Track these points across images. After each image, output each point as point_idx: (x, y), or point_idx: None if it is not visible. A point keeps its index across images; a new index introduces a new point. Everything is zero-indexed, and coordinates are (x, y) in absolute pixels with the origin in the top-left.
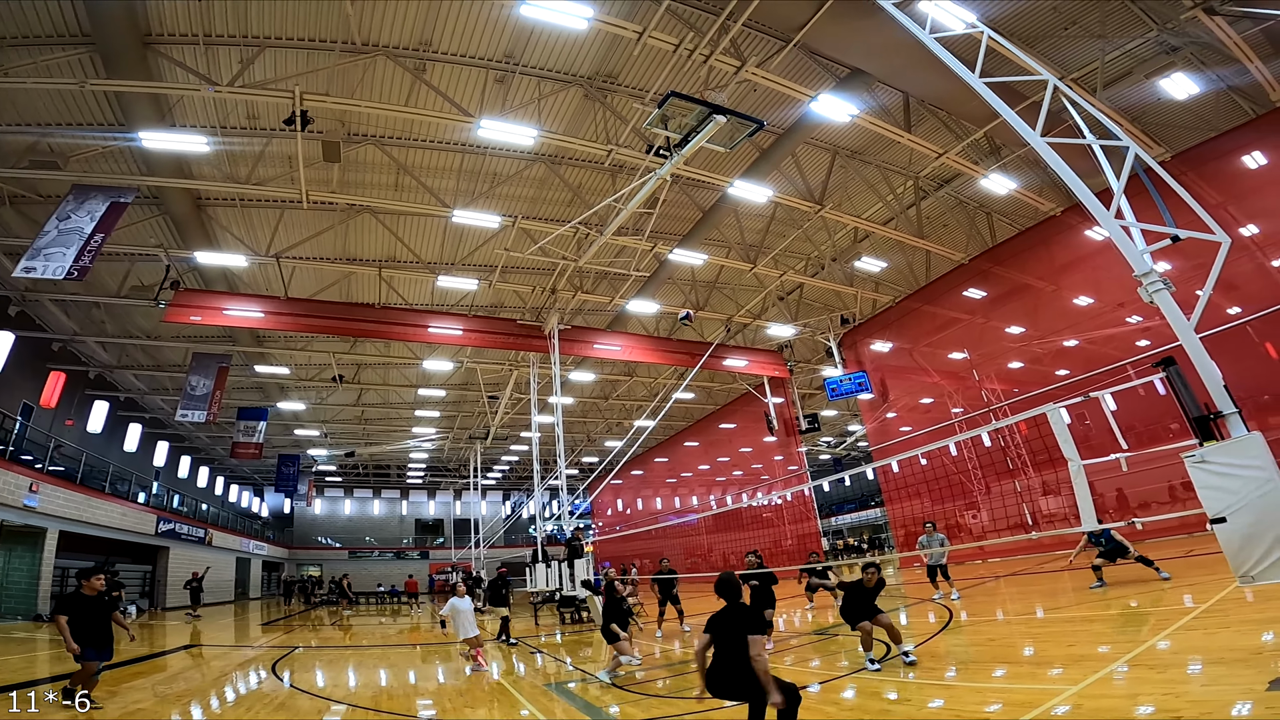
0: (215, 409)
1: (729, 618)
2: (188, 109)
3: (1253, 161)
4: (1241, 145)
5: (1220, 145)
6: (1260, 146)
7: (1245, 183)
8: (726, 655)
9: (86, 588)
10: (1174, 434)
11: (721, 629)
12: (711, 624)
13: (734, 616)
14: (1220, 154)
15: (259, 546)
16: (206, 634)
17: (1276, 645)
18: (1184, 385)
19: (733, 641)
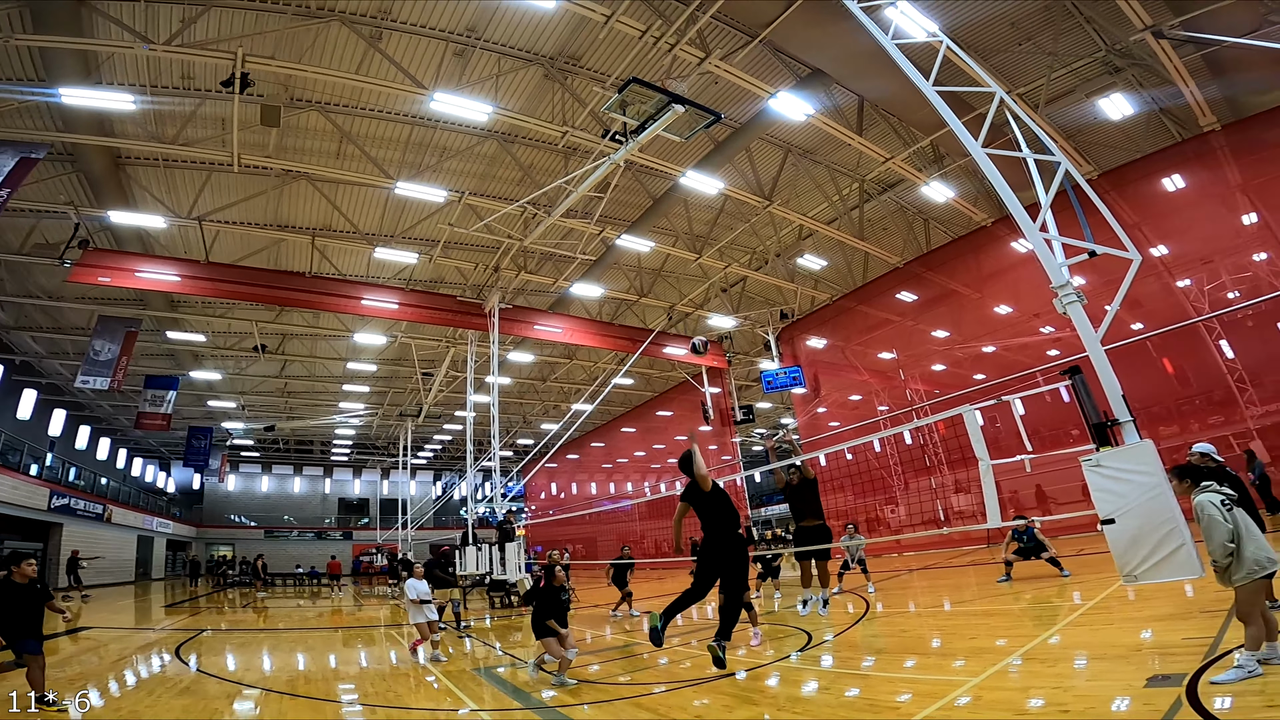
0: (120, 376)
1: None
2: (118, 66)
3: (1171, 185)
4: (1163, 168)
5: (1144, 166)
6: (1180, 170)
7: (1161, 205)
8: (718, 525)
9: (17, 574)
10: (1074, 439)
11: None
12: (689, 494)
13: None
14: (1142, 175)
15: (163, 524)
16: (103, 616)
17: (1154, 643)
18: (1087, 393)
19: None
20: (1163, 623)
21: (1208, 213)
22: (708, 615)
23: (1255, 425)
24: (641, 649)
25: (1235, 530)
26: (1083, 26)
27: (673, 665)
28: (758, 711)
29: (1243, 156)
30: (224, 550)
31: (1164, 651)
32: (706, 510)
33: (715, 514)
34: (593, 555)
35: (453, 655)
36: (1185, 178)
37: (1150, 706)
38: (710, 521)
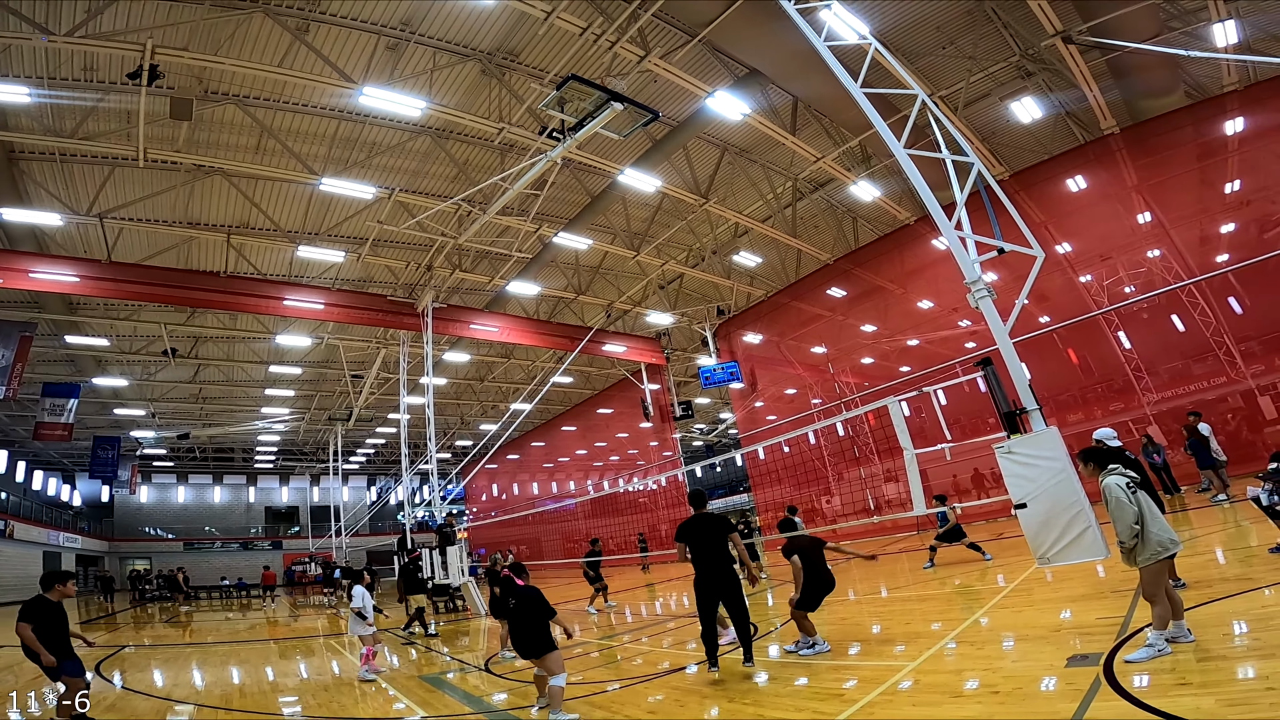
0: (15, 384)
1: (702, 524)
2: (13, 58)
3: (1074, 185)
4: (1067, 169)
5: (1050, 168)
6: (1083, 171)
7: (1066, 204)
8: (707, 556)
9: (55, 594)
10: (991, 426)
11: (697, 535)
12: (684, 533)
13: (707, 522)
14: (1049, 176)
15: (70, 539)
16: (9, 635)
17: (1072, 624)
18: (998, 383)
19: (712, 544)
20: (1078, 603)
21: (1107, 212)
22: (656, 610)
23: (1151, 411)
24: (593, 647)
25: (1140, 512)
26: (1000, 31)
27: (625, 663)
28: (710, 705)
29: (1139, 159)
30: (140, 564)
31: (1081, 631)
32: (697, 545)
33: (704, 547)
34: (537, 555)
35: (400, 662)
36: (1087, 179)
37: (1073, 685)
38: (700, 555)
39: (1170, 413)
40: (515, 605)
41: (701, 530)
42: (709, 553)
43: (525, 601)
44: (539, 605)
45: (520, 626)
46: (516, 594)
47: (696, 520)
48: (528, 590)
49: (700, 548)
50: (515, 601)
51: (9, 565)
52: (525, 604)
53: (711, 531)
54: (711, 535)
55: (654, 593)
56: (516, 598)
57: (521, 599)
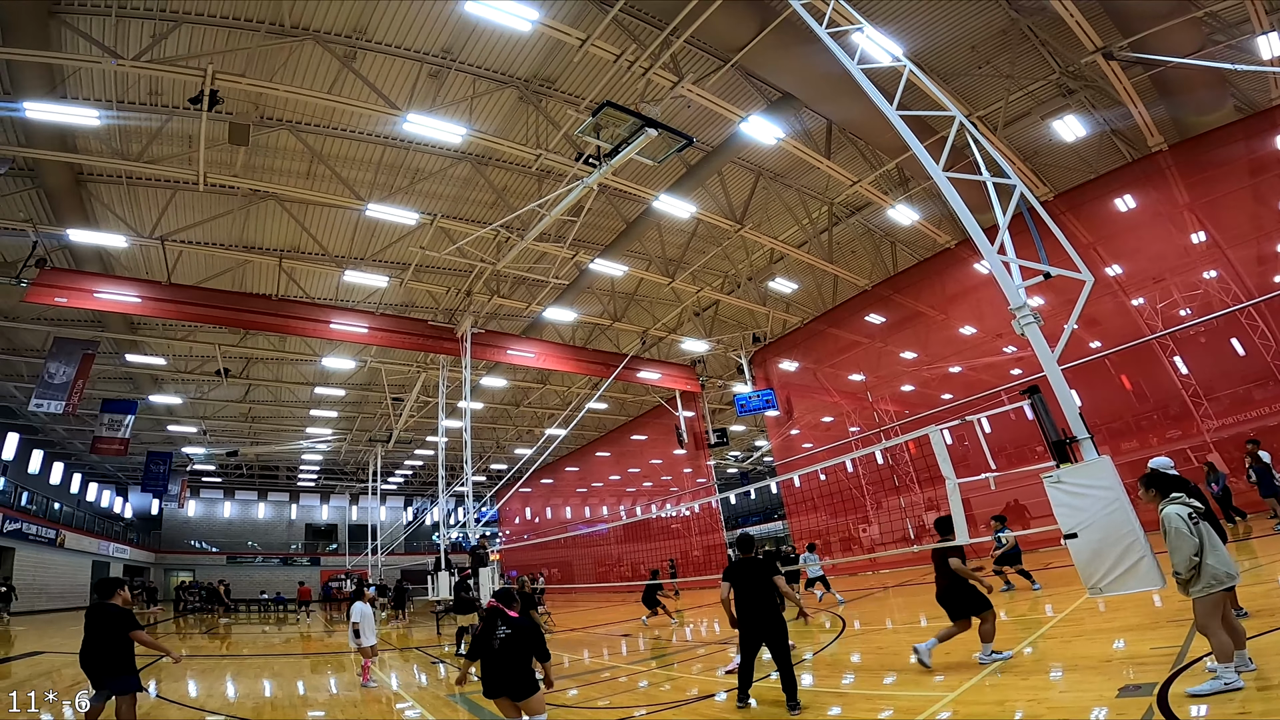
0: (76, 399)
1: (747, 567)
2: (84, 80)
3: (1123, 205)
4: (1115, 189)
5: (1097, 187)
6: (1131, 190)
7: (1115, 225)
8: (752, 598)
9: (118, 599)
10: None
11: (742, 577)
12: (730, 574)
13: (752, 565)
14: (1096, 196)
15: (120, 549)
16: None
17: (1125, 654)
18: (1045, 411)
19: (757, 586)
20: (1132, 633)
21: (1158, 232)
22: (685, 636)
23: (1211, 438)
24: (620, 672)
25: (1200, 544)
26: (1038, 49)
27: (653, 689)
28: None
29: (1189, 176)
30: (185, 576)
31: (1135, 661)
32: (743, 586)
33: (750, 589)
34: (569, 579)
35: (428, 680)
36: (1136, 198)
37: (1124, 716)
38: (745, 597)
39: (1231, 440)
40: (507, 636)
41: (747, 573)
42: (754, 594)
43: (521, 634)
44: (534, 641)
45: (506, 663)
46: (510, 624)
47: (743, 564)
48: (524, 621)
49: (745, 589)
50: (510, 631)
51: (59, 574)
52: (520, 637)
53: (757, 573)
54: (756, 577)
55: (683, 619)
56: (511, 628)
57: (516, 630)
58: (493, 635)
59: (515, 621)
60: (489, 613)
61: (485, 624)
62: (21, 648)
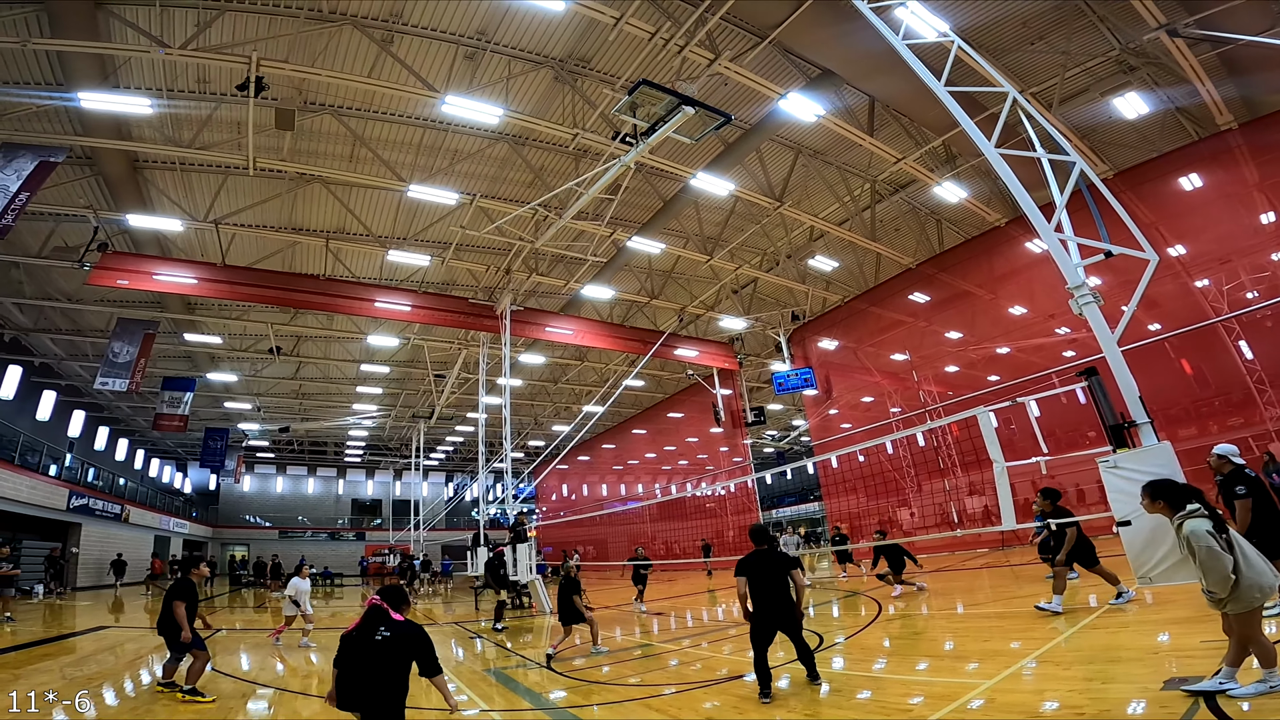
0: (138, 378)
1: (764, 560)
2: (134, 70)
3: (1189, 184)
4: (1180, 167)
5: (1160, 166)
6: (1198, 169)
7: (1180, 204)
8: (768, 592)
9: (195, 575)
10: (1090, 441)
11: (758, 570)
12: (746, 567)
13: (769, 559)
14: (1160, 174)
15: (180, 524)
16: (120, 615)
17: (1171, 646)
18: (1103, 395)
19: (773, 579)
20: (1180, 625)
21: (1226, 212)
22: (717, 616)
23: (1275, 427)
24: (653, 650)
25: (1235, 560)
26: (1096, 25)
27: (683, 667)
28: (768, 713)
29: (1260, 155)
30: (240, 550)
31: (1181, 654)
32: (758, 580)
33: (766, 583)
34: (604, 557)
35: (465, 655)
36: (1203, 177)
37: (1167, 710)
38: (761, 590)
39: None
40: (381, 641)
41: (764, 566)
42: (770, 589)
43: (399, 641)
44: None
45: (373, 674)
46: (391, 628)
47: (758, 556)
48: (406, 626)
49: (761, 583)
50: (386, 636)
51: (124, 548)
52: (397, 644)
53: (774, 568)
54: (773, 572)
55: (715, 599)
56: (391, 631)
57: (396, 636)
58: (374, 637)
59: (400, 627)
60: (372, 612)
61: (366, 624)
62: (86, 623)
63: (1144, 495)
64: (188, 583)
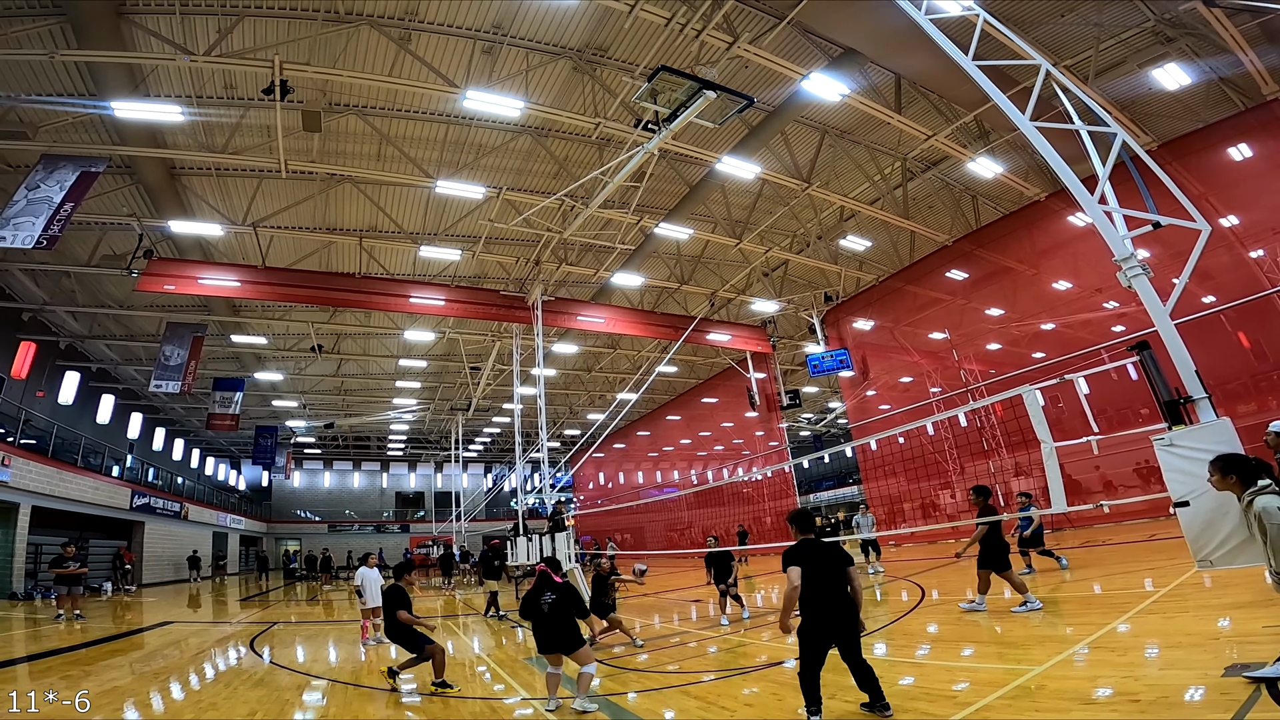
0: (190, 379)
1: (818, 553)
2: (162, 78)
3: (1238, 154)
4: (1228, 137)
5: (1207, 136)
6: (1246, 139)
7: (1229, 174)
8: (826, 591)
9: (405, 582)
10: (1143, 419)
11: (814, 564)
12: (798, 556)
13: (825, 551)
14: (1206, 145)
15: (236, 520)
16: (182, 611)
17: (1232, 632)
18: (1156, 370)
19: (831, 576)
20: (1242, 610)
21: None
22: (756, 604)
23: None
24: (690, 637)
25: None
26: None
27: (722, 654)
28: None
29: None
30: (292, 545)
31: (1243, 640)
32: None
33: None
34: (641, 545)
35: (506, 643)
36: (1252, 146)
37: (1228, 696)
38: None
39: None
40: (554, 601)
41: (819, 559)
42: (828, 589)
43: (564, 597)
44: (576, 601)
45: (554, 622)
46: (555, 589)
47: (809, 546)
48: (565, 586)
49: (817, 581)
50: (554, 596)
51: (183, 544)
52: (564, 599)
53: (831, 563)
54: (831, 567)
55: (753, 585)
56: (555, 593)
57: (559, 597)
58: (542, 597)
59: (560, 587)
60: (541, 576)
61: (538, 586)
62: (152, 618)
63: (1214, 470)
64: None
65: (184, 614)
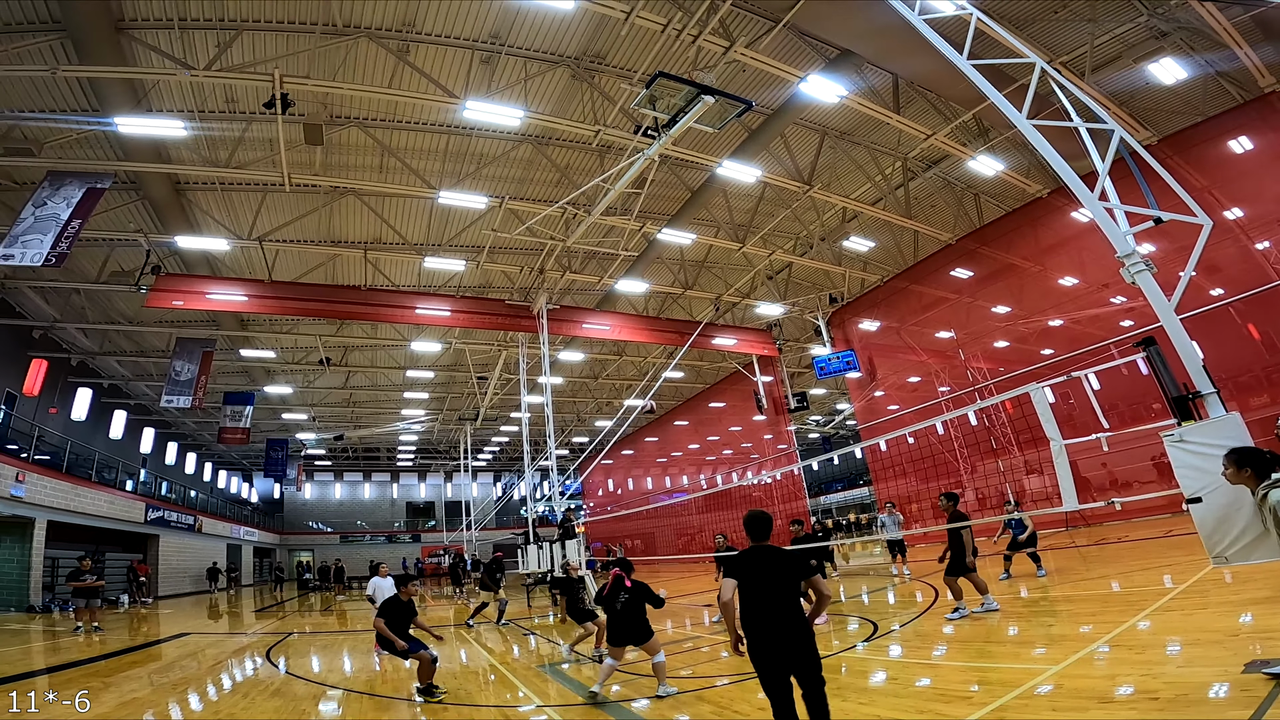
0: (200, 394)
1: (762, 561)
2: (164, 93)
3: (1239, 146)
4: (1228, 130)
5: (1206, 130)
6: (1247, 131)
7: (1231, 167)
8: (768, 610)
9: (404, 593)
10: (1155, 414)
11: (753, 575)
12: (736, 567)
13: (770, 559)
14: (1206, 138)
15: (249, 533)
16: (199, 622)
17: (1253, 628)
18: (1164, 365)
19: (775, 591)
20: (1262, 606)
21: None
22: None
23: None
24: (703, 641)
25: None
26: None
27: (735, 658)
28: None
29: None
30: (305, 556)
31: (1264, 635)
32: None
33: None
34: (651, 550)
35: (519, 651)
36: (1253, 139)
37: (1249, 693)
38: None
39: None
40: (627, 600)
41: (762, 569)
42: (771, 605)
43: (637, 594)
44: (650, 596)
45: (628, 618)
46: (628, 589)
47: (755, 555)
48: (638, 585)
49: (757, 595)
50: (628, 595)
51: (198, 556)
52: (637, 596)
53: (777, 570)
54: (776, 578)
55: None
56: (629, 593)
57: (633, 596)
58: (618, 597)
59: (633, 587)
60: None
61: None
62: (169, 630)
63: (1228, 464)
64: (395, 601)
65: (201, 625)
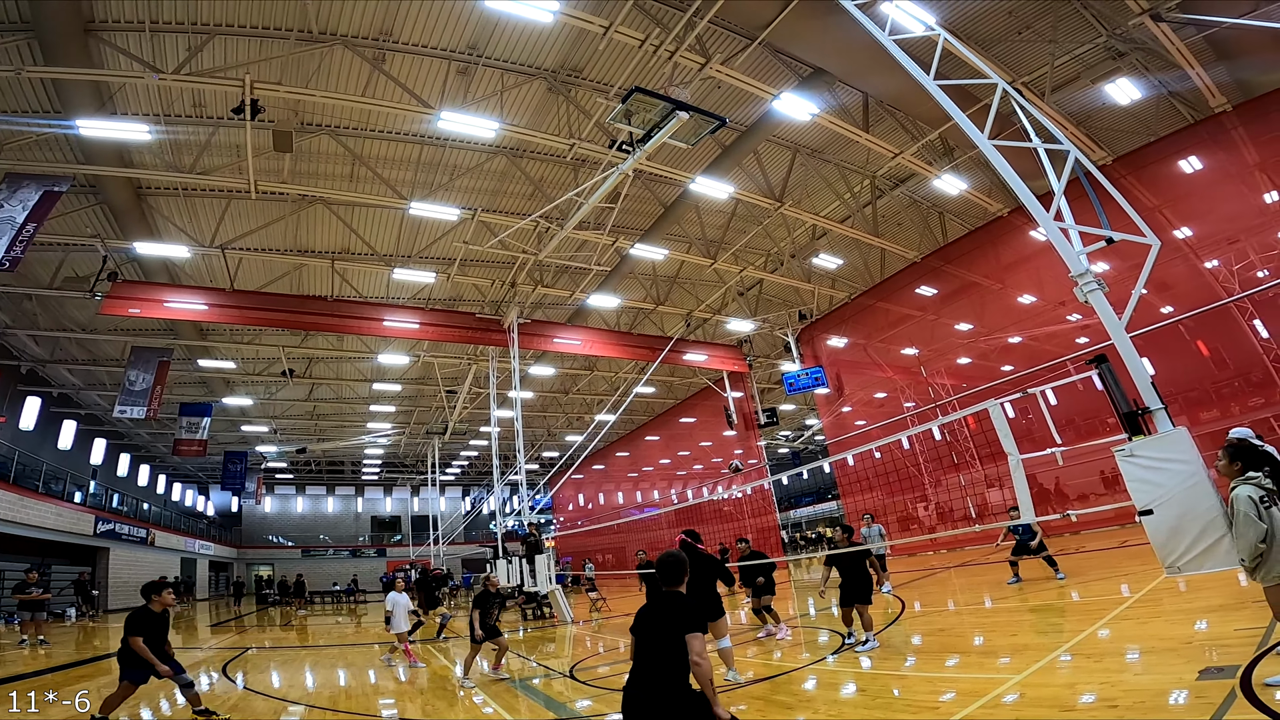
0: (156, 405)
1: (658, 610)
2: (130, 96)
3: (1189, 166)
4: (1179, 150)
5: (1159, 149)
6: (1197, 151)
7: (1181, 187)
8: (649, 663)
9: (156, 603)
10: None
11: (645, 625)
12: (636, 619)
13: (665, 611)
14: (1159, 158)
15: (205, 546)
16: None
17: (1206, 635)
18: (1115, 382)
19: (661, 642)
20: (1215, 614)
21: (1229, 193)
22: (740, 620)
23: None
24: None
25: (1270, 530)
26: (1080, 12)
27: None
28: (791, 715)
29: (1258, 136)
30: (264, 570)
31: (1217, 643)
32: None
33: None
34: (622, 564)
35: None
36: (1202, 159)
37: (1204, 699)
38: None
39: None
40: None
41: (654, 620)
42: (648, 664)
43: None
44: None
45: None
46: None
47: (656, 603)
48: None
49: (641, 653)
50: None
51: (150, 571)
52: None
53: (665, 624)
54: (663, 634)
55: (735, 601)
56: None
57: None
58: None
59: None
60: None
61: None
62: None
63: (1223, 455)
64: (145, 613)
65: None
